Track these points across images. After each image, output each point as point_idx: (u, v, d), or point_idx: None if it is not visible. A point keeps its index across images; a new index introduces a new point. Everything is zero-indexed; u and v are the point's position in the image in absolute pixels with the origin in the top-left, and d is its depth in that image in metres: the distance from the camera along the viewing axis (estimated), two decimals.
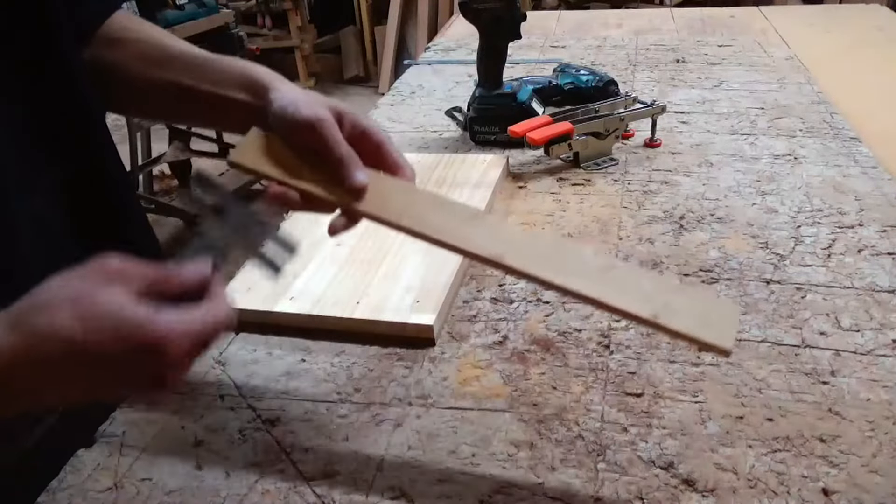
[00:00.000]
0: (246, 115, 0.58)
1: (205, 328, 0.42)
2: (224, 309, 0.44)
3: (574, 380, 0.63)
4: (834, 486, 0.52)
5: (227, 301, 0.44)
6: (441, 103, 1.32)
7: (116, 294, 0.40)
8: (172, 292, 0.42)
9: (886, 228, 0.84)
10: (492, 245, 0.52)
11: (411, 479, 0.55)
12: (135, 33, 0.66)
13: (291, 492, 0.54)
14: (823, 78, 1.35)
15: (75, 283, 0.40)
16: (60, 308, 0.39)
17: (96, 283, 0.40)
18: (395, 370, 0.66)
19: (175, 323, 0.40)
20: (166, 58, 0.63)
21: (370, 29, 4.71)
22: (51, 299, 0.39)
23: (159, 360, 0.40)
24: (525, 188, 0.99)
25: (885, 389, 0.60)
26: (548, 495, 0.53)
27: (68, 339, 0.38)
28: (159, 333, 0.39)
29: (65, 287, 0.40)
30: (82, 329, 0.38)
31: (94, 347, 0.38)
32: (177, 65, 0.62)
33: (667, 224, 0.87)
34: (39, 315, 0.39)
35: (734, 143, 1.09)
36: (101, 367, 0.40)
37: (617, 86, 1.25)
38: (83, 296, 0.39)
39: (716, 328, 0.48)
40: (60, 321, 0.38)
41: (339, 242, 0.83)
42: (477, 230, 0.53)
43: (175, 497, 0.54)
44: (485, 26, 1.07)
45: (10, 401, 0.40)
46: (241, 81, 0.59)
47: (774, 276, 0.76)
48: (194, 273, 0.44)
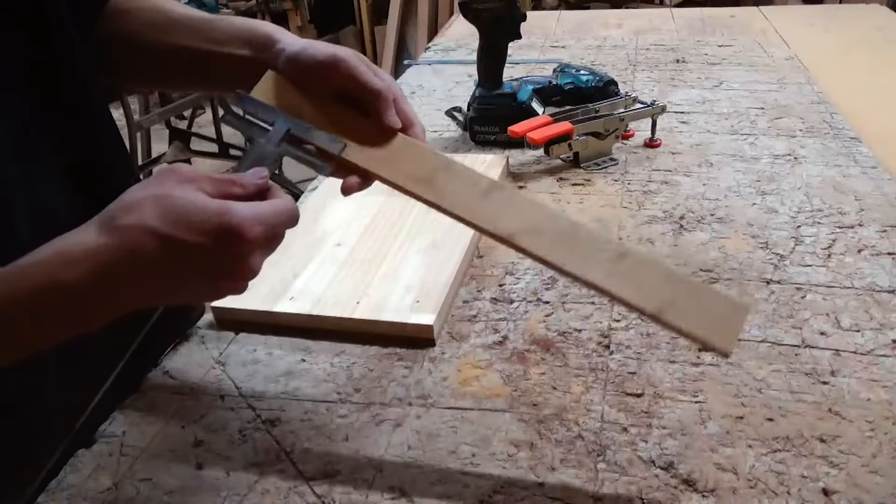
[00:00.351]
0: (252, 72, 0.58)
1: (275, 216, 0.46)
2: (288, 202, 0.47)
3: (574, 380, 0.63)
4: (834, 486, 0.52)
5: (289, 198, 0.48)
6: (441, 103, 1.32)
7: (191, 192, 0.43)
8: (237, 194, 0.46)
9: (886, 228, 0.84)
10: (505, 222, 0.51)
11: (411, 479, 0.55)
12: (141, 2, 0.66)
13: (291, 492, 0.54)
14: (823, 78, 1.35)
15: (154, 187, 0.44)
16: (144, 207, 0.42)
17: (172, 184, 0.44)
18: (395, 370, 0.66)
19: (247, 210, 0.44)
20: (170, 22, 0.63)
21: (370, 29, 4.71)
22: (134, 201, 0.43)
23: (237, 246, 0.43)
24: (525, 188, 0.99)
25: (885, 389, 0.60)
26: (548, 495, 0.53)
27: (155, 232, 0.41)
28: (235, 220, 0.43)
29: (145, 189, 0.44)
30: (167, 223, 0.42)
31: (179, 239, 0.42)
32: (180, 28, 0.63)
33: (667, 224, 0.87)
34: (127, 215, 0.42)
35: (734, 143, 1.09)
36: (187, 258, 0.42)
37: (617, 86, 1.25)
38: (163, 195, 0.43)
39: (719, 328, 0.48)
40: (147, 218, 0.42)
41: (340, 242, 0.83)
42: (491, 204, 0.52)
43: (175, 497, 0.54)
44: (485, 26, 1.07)
45: (115, 299, 0.43)
46: (244, 37, 0.59)
47: (774, 276, 0.76)
48: (254, 177, 0.47)
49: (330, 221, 0.87)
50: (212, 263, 0.44)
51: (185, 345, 0.71)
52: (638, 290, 0.49)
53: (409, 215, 0.86)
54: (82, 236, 0.42)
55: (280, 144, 0.53)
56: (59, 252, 0.42)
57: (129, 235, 0.42)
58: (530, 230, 0.51)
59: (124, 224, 0.42)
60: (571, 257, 0.50)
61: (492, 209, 0.52)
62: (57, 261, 0.41)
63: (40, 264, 0.42)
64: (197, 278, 0.44)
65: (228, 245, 0.43)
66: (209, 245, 0.42)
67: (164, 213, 0.42)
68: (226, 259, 0.44)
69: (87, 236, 0.42)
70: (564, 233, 0.52)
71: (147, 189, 0.44)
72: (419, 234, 0.83)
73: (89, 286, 0.41)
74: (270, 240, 0.46)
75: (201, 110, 3.69)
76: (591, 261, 0.50)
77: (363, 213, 0.88)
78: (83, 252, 0.41)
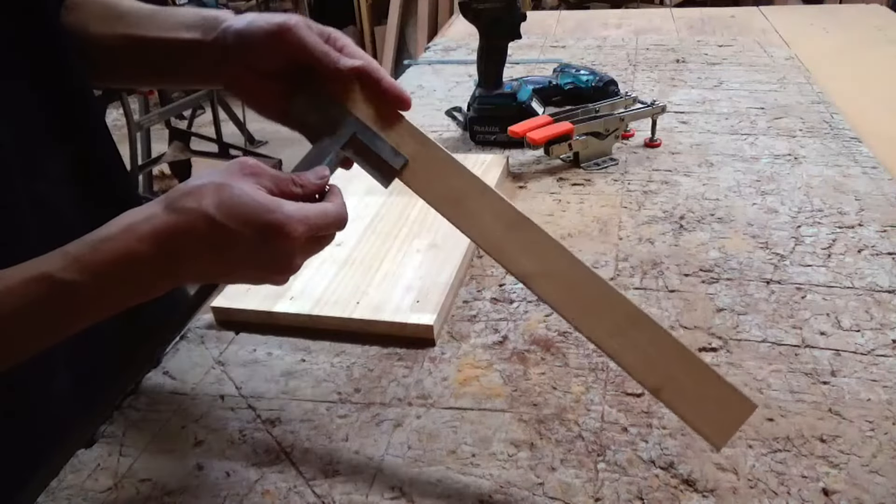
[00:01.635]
0: (200, 57, 0.57)
1: (320, 218, 0.48)
2: (338, 206, 0.50)
3: (574, 380, 0.63)
4: (834, 486, 0.52)
5: (340, 202, 0.50)
6: (441, 103, 1.32)
7: (249, 185, 0.47)
8: (294, 193, 0.49)
9: (886, 228, 0.84)
10: (523, 261, 0.50)
11: (411, 479, 0.55)
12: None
13: (291, 492, 0.54)
14: (823, 78, 1.35)
15: (219, 176, 0.47)
16: (205, 194, 0.46)
17: (235, 176, 0.47)
18: (395, 370, 0.66)
19: (294, 210, 0.46)
20: (117, 14, 0.63)
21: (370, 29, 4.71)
22: (199, 186, 0.46)
23: (280, 242, 0.46)
24: (525, 188, 0.99)
25: (885, 389, 0.60)
26: (548, 495, 0.53)
27: (209, 218, 0.45)
28: (280, 218, 0.45)
29: (211, 177, 0.47)
30: (220, 212, 0.45)
31: (228, 227, 0.45)
32: (128, 19, 0.63)
33: (667, 224, 0.87)
34: (189, 198, 0.46)
35: (734, 143, 1.09)
36: (235, 246, 0.46)
37: (617, 86, 1.25)
38: (224, 185, 0.46)
39: (716, 419, 0.47)
40: (205, 204, 0.45)
41: (340, 242, 0.83)
42: (514, 239, 0.51)
43: (175, 497, 0.54)
44: (485, 26, 1.07)
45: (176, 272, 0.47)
46: (190, 22, 0.59)
47: (774, 276, 0.76)
48: (315, 177, 0.50)
49: None
50: (255, 255, 0.47)
51: (185, 345, 0.71)
52: (640, 359, 0.48)
53: (409, 215, 0.86)
54: (149, 213, 0.46)
55: (344, 147, 0.52)
56: (130, 228, 0.45)
57: (187, 217, 0.45)
58: (546, 273, 0.50)
59: (185, 206, 0.45)
60: (581, 311, 0.49)
61: (513, 244, 0.51)
62: (129, 236, 0.45)
63: (114, 239, 0.45)
64: (243, 265, 0.48)
65: (271, 240, 0.46)
66: (254, 237, 0.45)
67: (220, 202, 0.45)
68: (268, 253, 0.47)
69: (154, 214, 0.46)
70: (580, 282, 0.50)
71: (212, 177, 0.47)
72: (419, 234, 0.83)
73: (156, 259, 0.45)
74: (315, 241, 0.49)
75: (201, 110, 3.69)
76: (599, 318, 0.49)
77: (363, 213, 0.88)
78: (151, 229, 0.45)
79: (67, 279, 0.44)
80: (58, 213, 0.60)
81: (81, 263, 0.44)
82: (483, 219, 0.52)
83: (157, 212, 0.46)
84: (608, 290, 0.50)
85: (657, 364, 0.48)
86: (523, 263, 0.50)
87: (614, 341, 0.48)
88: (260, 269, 0.48)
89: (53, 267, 0.44)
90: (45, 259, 0.45)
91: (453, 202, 0.52)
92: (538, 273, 0.50)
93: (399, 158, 0.53)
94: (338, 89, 0.53)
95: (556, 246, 0.51)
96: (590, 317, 0.49)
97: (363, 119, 0.53)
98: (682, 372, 0.48)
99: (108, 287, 0.45)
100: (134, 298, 0.47)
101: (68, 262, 0.44)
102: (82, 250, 0.45)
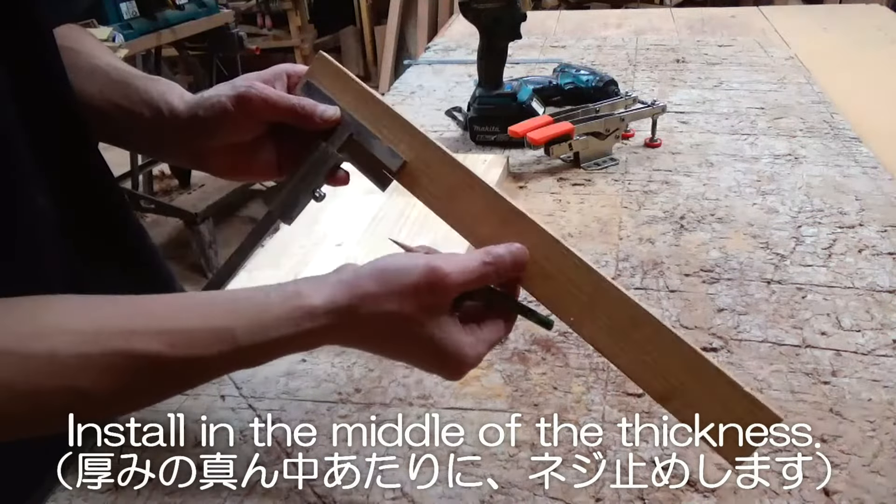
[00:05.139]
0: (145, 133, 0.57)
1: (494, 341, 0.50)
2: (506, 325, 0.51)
3: (575, 380, 0.63)
4: (835, 486, 0.52)
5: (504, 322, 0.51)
6: (441, 103, 1.32)
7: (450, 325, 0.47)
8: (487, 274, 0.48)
9: (887, 228, 0.84)
10: None
11: (412, 480, 0.54)
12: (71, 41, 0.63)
13: (291, 492, 0.54)
14: (823, 78, 1.35)
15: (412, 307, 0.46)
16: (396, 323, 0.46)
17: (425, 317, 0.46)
18: (396, 370, 0.66)
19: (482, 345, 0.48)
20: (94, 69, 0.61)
21: (370, 29, 4.71)
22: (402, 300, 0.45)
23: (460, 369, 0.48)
24: (525, 188, 0.99)
25: (885, 389, 0.60)
26: (548, 495, 0.53)
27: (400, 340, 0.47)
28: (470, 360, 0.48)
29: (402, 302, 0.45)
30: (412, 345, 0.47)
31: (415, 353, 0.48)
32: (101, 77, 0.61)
33: (667, 224, 0.87)
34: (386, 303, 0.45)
35: (734, 143, 1.09)
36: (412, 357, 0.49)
37: (617, 86, 1.25)
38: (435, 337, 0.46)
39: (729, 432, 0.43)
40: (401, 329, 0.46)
41: (340, 242, 0.82)
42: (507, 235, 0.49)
43: (175, 497, 0.54)
44: (485, 26, 1.07)
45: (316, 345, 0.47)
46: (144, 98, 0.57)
47: (775, 276, 0.76)
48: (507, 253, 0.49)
49: (330, 221, 0.87)
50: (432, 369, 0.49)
51: None
52: (644, 364, 0.45)
53: (409, 215, 0.86)
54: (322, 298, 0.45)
55: (341, 150, 0.51)
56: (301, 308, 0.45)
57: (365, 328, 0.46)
58: (542, 275, 0.48)
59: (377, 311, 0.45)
60: (579, 308, 0.46)
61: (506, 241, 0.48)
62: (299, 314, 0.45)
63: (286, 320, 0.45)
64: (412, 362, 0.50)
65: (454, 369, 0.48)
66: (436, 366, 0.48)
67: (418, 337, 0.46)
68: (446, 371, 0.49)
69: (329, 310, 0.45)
70: (579, 282, 0.47)
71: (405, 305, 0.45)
72: (419, 235, 0.83)
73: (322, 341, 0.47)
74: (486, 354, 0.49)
75: None
76: (609, 322, 0.46)
77: (363, 214, 0.88)
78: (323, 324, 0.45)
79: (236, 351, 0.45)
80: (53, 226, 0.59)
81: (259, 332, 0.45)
82: (474, 216, 0.50)
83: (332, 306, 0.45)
84: (610, 287, 0.47)
85: (664, 370, 0.44)
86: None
87: (611, 340, 0.46)
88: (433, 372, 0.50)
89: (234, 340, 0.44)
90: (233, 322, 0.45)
91: (446, 199, 0.50)
92: (533, 272, 0.48)
93: (396, 160, 0.51)
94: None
95: (553, 241, 0.48)
96: (588, 314, 0.47)
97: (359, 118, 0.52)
98: (691, 377, 0.44)
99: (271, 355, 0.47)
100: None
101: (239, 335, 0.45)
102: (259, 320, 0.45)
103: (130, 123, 0.58)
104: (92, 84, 0.60)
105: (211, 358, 0.44)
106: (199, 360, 0.44)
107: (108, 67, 0.61)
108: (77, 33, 0.66)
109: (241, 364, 0.46)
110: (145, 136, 0.59)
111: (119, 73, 0.61)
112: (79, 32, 0.66)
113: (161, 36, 2.61)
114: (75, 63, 0.61)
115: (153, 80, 0.60)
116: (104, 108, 0.60)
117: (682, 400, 0.44)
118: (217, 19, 3.00)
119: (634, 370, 0.46)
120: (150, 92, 0.58)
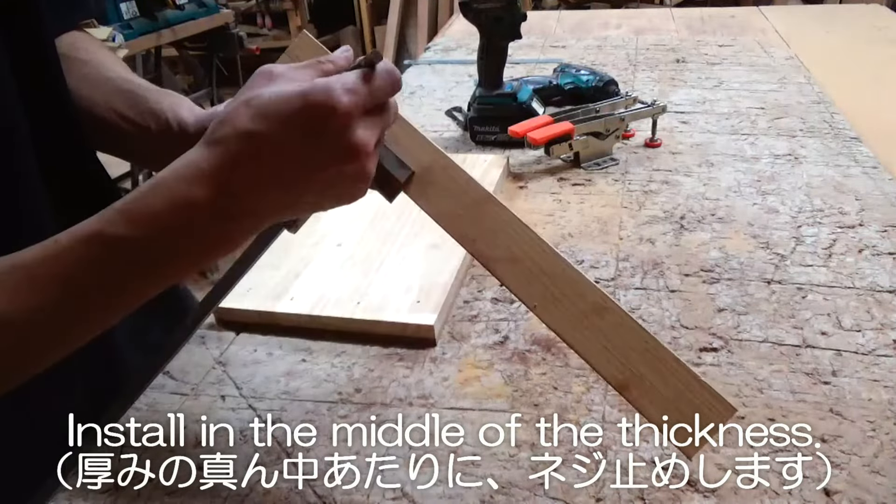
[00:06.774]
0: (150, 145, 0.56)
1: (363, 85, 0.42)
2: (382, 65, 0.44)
3: (575, 380, 0.63)
4: (835, 486, 0.52)
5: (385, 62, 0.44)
6: (441, 103, 1.32)
7: (277, 86, 0.42)
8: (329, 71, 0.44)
9: (887, 228, 0.84)
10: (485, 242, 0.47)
11: (412, 480, 0.54)
12: (82, 52, 0.63)
13: (292, 492, 0.54)
14: (823, 78, 1.35)
15: (245, 92, 0.43)
16: (238, 114, 0.41)
17: (262, 84, 0.42)
18: (396, 370, 0.66)
19: (331, 82, 0.41)
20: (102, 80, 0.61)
21: (370, 29, 4.71)
22: (229, 112, 0.42)
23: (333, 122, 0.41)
24: (525, 188, 0.99)
25: (886, 389, 0.60)
26: (549, 495, 0.53)
27: (250, 134, 0.41)
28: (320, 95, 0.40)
29: (237, 98, 0.43)
30: (257, 122, 0.41)
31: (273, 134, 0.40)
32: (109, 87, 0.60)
33: (667, 224, 0.87)
34: (223, 126, 0.41)
35: (734, 143, 1.09)
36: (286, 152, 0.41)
37: (617, 86, 1.25)
38: (251, 97, 0.42)
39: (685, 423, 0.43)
40: (241, 123, 0.41)
41: (340, 242, 0.82)
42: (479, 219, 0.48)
43: (175, 497, 0.54)
44: (485, 26, 1.07)
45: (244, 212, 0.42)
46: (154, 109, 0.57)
47: (775, 276, 0.76)
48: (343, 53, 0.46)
49: (330, 221, 0.87)
50: (314, 154, 0.42)
51: (185, 345, 0.71)
52: (604, 352, 0.44)
53: (409, 215, 0.86)
54: (190, 157, 0.42)
55: None
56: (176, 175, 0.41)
57: (228, 145, 0.41)
58: (510, 258, 0.47)
59: (221, 136, 0.41)
60: (543, 298, 0.46)
61: (477, 225, 0.47)
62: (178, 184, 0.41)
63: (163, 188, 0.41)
64: (306, 175, 0.42)
65: (321, 126, 0.41)
66: (302, 133, 0.41)
67: (255, 113, 0.41)
68: (326, 145, 0.41)
69: (196, 156, 0.42)
70: (545, 268, 0.46)
71: (239, 97, 0.43)
72: (419, 234, 0.83)
73: (212, 200, 0.41)
74: (373, 112, 0.43)
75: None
76: (563, 306, 0.45)
77: (363, 213, 0.88)
78: (196, 170, 0.41)
79: (119, 234, 0.40)
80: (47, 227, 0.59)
81: (131, 216, 0.41)
82: (444, 199, 0.48)
83: (197, 153, 0.42)
84: (577, 277, 0.46)
85: (623, 358, 0.44)
86: (486, 246, 0.47)
87: (575, 331, 0.45)
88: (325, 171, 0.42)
89: (104, 224, 0.41)
90: (95, 218, 0.41)
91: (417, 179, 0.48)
92: (502, 257, 0.47)
93: (404, 171, 0.49)
94: None
95: (524, 228, 0.47)
96: (552, 304, 0.46)
97: None
98: (651, 367, 0.44)
99: (164, 240, 0.41)
100: (195, 251, 0.43)
101: (118, 217, 0.41)
102: (130, 205, 0.41)
103: (135, 135, 0.58)
104: (98, 93, 0.60)
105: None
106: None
107: (118, 78, 0.61)
108: (87, 43, 0.66)
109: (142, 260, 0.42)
110: (150, 148, 0.58)
111: (128, 84, 0.61)
112: (90, 42, 0.66)
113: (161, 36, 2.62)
114: (83, 72, 0.61)
115: (164, 93, 0.60)
116: (108, 118, 0.59)
117: (640, 389, 0.44)
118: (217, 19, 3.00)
119: (594, 357, 0.45)
120: (161, 104, 0.58)
